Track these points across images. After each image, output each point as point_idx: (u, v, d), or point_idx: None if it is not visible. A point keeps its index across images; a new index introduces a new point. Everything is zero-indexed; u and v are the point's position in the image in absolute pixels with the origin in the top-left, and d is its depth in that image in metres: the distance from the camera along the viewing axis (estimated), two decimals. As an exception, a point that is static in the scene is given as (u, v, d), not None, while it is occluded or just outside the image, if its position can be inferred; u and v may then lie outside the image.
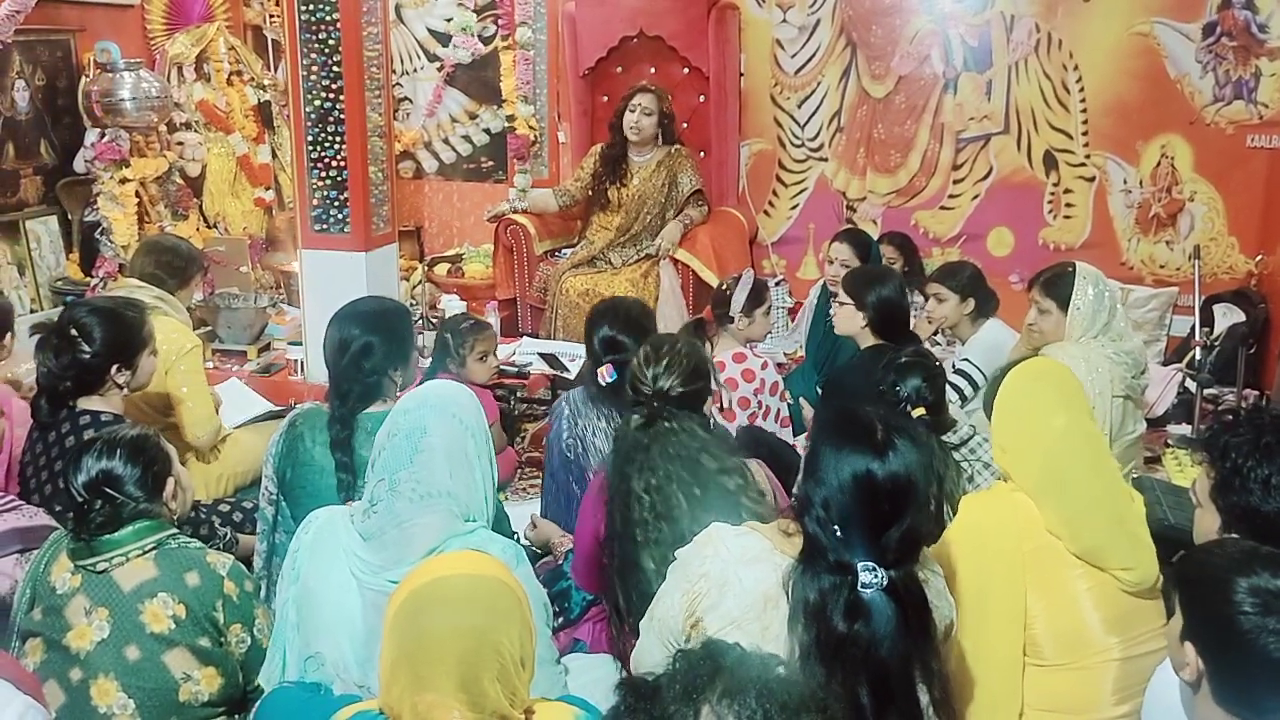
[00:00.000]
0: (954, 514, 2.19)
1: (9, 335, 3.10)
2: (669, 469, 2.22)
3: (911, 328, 3.89)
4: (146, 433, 2.17)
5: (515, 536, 2.72)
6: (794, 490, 1.84)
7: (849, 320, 3.44)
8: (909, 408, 2.67)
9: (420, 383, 2.38)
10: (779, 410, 3.51)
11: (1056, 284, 3.25)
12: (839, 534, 1.69)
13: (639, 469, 2.23)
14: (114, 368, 2.68)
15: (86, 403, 2.67)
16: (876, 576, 1.67)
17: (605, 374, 2.84)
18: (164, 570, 2.02)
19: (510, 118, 5.86)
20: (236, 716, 2.12)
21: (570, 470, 2.94)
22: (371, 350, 2.54)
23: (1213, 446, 1.99)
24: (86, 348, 2.64)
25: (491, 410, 3.16)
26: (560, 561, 2.83)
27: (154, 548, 2.04)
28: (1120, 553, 2.03)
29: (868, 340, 3.43)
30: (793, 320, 5.44)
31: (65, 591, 2.01)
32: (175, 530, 2.12)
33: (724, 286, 3.72)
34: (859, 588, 1.67)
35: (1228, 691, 1.54)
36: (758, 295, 3.62)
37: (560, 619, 2.65)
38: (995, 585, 2.05)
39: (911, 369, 2.73)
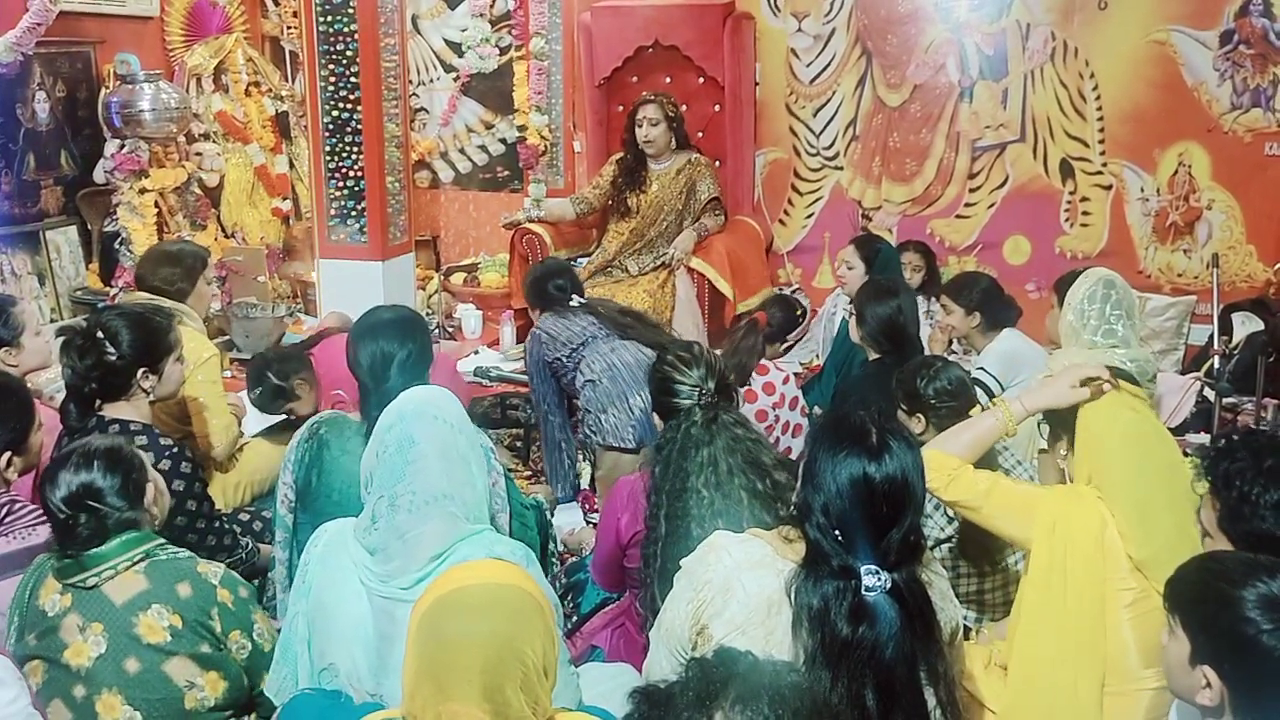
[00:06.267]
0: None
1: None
2: (731, 463, 2.24)
3: (927, 337, 3.89)
4: (119, 442, 2.15)
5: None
6: (794, 497, 1.85)
7: (857, 332, 3.49)
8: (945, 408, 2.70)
9: None
10: (798, 425, 3.51)
11: (1063, 282, 3.31)
12: (840, 538, 1.69)
13: (700, 466, 2.23)
14: (140, 372, 2.64)
15: (115, 410, 2.63)
16: (880, 579, 1.67)
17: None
18: (155, 582, 2.01)
19: (522, 128, 5.87)
20: (246, 718, 2.13)
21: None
22: (410, 360, 2.55)
23: (1214, 475, 1.95)
24: (112, 350, 2.60)
25: None
26: (583, 555, 2.84)
27: (143, 559, 2.03)
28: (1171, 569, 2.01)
29: (874, 353, 3.44)
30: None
31: (56, 613, 1.99)
32: (163, 540, 2.11)
33: (789, 319, 3.80)
34: (862, 591, 1.67)
35: (1255, 711, 1.52)
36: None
37: (573, 616, 2.65)
38: (1076, 577, 2.09)
39: (945, 370, 2.76)
